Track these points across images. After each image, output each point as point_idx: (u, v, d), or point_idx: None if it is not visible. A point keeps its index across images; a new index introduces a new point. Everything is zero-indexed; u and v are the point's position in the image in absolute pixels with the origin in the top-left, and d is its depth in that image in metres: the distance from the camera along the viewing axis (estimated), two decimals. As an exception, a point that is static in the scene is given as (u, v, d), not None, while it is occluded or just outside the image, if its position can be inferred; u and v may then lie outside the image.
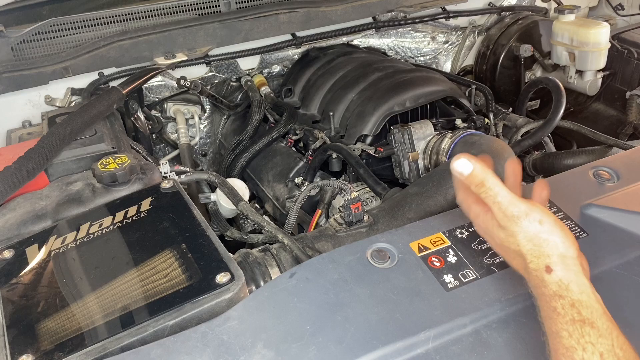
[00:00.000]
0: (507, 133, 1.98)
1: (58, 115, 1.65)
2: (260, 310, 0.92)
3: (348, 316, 0.91)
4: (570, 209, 1.13)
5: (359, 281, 0.97)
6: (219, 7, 2.09)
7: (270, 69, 2.30)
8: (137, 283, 0.98)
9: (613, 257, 1.03)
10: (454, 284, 0.97)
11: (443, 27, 2.49)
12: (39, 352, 0.89)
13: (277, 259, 1.17)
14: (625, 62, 2.38)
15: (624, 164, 1.24)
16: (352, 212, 1.23)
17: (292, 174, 1.85)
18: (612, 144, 1.78)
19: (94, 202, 1.26)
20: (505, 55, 2.42)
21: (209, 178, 1.51)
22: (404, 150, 1.69)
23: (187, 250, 1.04)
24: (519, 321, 0.92)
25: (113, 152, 1.42)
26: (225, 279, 0.96)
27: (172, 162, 2.06)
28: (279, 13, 2.12)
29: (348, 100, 1.91)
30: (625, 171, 1.22)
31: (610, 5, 2.80)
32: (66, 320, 0.94)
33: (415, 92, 1.83)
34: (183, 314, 0.92)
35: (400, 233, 1.07)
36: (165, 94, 2.11)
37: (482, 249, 1.04)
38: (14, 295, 1.01)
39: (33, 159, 1.29)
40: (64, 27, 1.89)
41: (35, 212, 1.24)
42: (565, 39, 2.27)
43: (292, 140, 1.98)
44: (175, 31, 1.99)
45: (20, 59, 1.85)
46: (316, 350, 0.86)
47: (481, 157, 0.94)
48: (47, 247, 1.12)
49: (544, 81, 1.98)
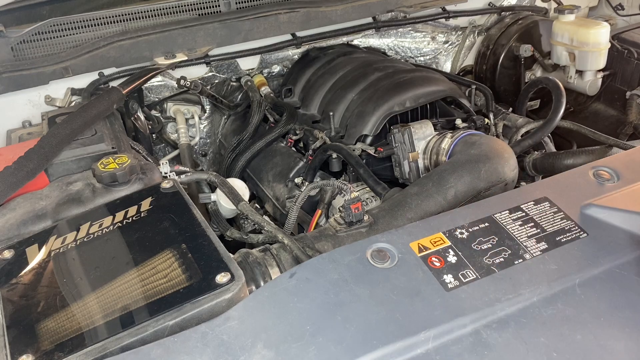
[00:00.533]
0: (507, 133, 1.98)
1: (58, 115, 1.65)
2: (260, 310, 0.92)
3: (348, 316, 0.91)
4: (570, 209, 1.13)
5: (359, 281, 0.97)
6: (219, 7, 2.10)
7: (270, 69, 2.30)
8: (137, 283, 0.98)
9: (613, 257, 1.03)
10: (454, 284, 0.97)
11: (443, 27, 2.49)
12: (39, 352, 0.89)
13: (277, 259, 1.17)
14: (625, 62, 2.38)
15: (624, 164, 1.24)
16: (352, 212, 1.23)
17: (292, 174, 1.85)
18: (612, 144, 1.78)
19: (94, 202, 1.26)
20: (505, 55, 2.42)
21: (209, 178, 1.51)
22: (404, 150, 1.69)
23: (187, 250, 1.04)
24: (519, 321, 0.92)
25: (113, 152, 1.42)
26: (225, 279, 0.96)
27: (172, 162, 2.06)
28: (279, 13, 2.12)
29: (348, 100, 1.91)
30: (625, 171, 1.22)
31: (610, 5, 2.80)
32: (66, 320, 0.94)
33: (415, 92, 1.83)
34: (183, 314, 0.92)
35: (400, 233, 1.07)
36: (165, 94, 2.11)
37: (482, 249, 1.04)
38: (14, 295, 1.01)
39: (33, 159, 1.29)
40: (64, 27, 1.89)
41: (35, 212, 1.24)
42: (565, 39, 2.27)
43: (292, 140, 1.98)
44: (175, 31, 1.99)
45: (20, 59, 1.85)
46: (316, 350, 0.86)
47: None
48: (47, 247, 1.12)
49: (544, 81, 1.98)
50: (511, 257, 1.02)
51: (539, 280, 0.97)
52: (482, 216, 1.11)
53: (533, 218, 1.10)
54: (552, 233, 1.07)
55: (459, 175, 1.42)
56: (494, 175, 1.43)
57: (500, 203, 1.15)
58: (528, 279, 0.98)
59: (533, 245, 1.05)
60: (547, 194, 1.16)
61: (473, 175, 1.42)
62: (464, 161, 1.46)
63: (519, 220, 1.10)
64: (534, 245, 1.05)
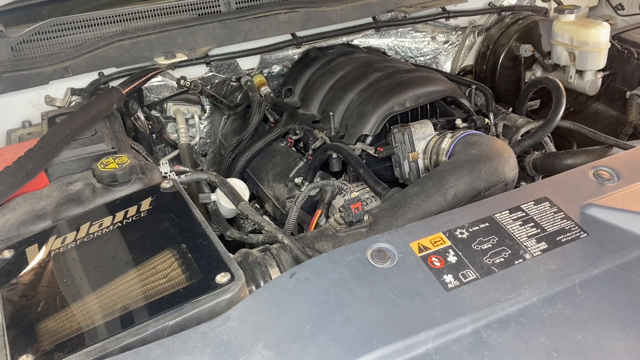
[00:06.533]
0: (507, 133, 1.98)
1: (58, 115, 1.65)
2: (260, 310, 0.92)
3: (348, 316, 0.91)
4: (570, 209, 1.13)
5: (359, 281, 0.97)
6: (219, 7, 2.10)
7: (270, 69, 2.30)
8: (137, 283, 0.98)
9: (613, 257, 1.03)
10: (454, 284, 0.97)
11: (443, 27, 2.49)
12: (39, 352, 0.89)
13: (277, 259, 1.17)
14: (625, 62, 2.38)
15: (624, 164, 1.25)
16: (352, 212, 1.23)
17: (292, 174, 1.85)
18: (612, 144, 1.78)
19: (94, 202, 1.26)
20: (505, 55, 2.42)
21: (209, 178, 1.51)
22: (404, 150, 1.69)
23: (187, 250, 1.04)
24: (519, 321, 0.92)
25: (113, 152, 1.42)
26: (225, 279, 0.96)
27: (172, 162, 2.06)
28: (279, 13, 2.12)
29: (348, 100, 1.91)
30: (625, 171, 1.22)
31: (610, 5, 2.80)
32: (66, 320, 0.94)
33: (415, 92, 1.83)
34: (183, 314, 0.92)
35: (400, 233, 1.07)
36: (165, 94, 2.11)
37: (482, 249, 1.04)
38: (14, 295, 1.01)
39: (33, 159, 1.29)
40: (64, 27, 1.89)
41: (35, 212, 1.24)
42: (565, 39, 2.27)
43: (292, 140, 1.98)
44: (175, 31, 1.99)
45: (20, 59, 1.85)
46: (316, 350, 0.86)
47: None
48: (47, 247, 1.12)
49: (544, 81, 1.98)
50: (511, 257, 1.02)
51: (539, 280, 0.97)
52: (482, 216, 1.11)
53: (533, 218, 1.10)
54: (552, 233, 1.07)
55: (459, 175, 1.42)
56: (494, 175, 1.44)
57: (500, 203, 1.15)
58: (528, 279, 0.98)
59: (533, 245, 1.05)
60: (547, 194, 1.16)
61: (473, 175, 1.42)
62: (464, 161, 1.46)
63: (519, 220, 1.10)
64: (534, 245, 1.05)
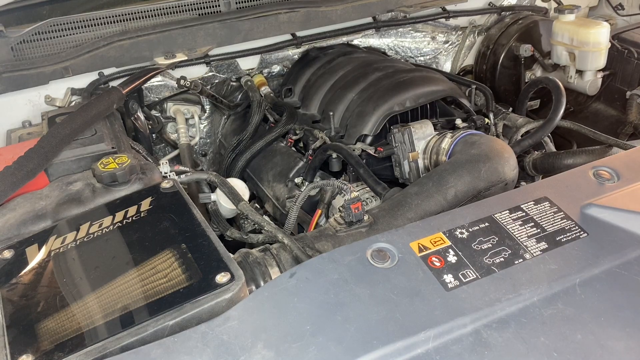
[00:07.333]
0: (507, 133, 1.98)
1: (58, 115, 1.65)
2: (260, 310, 0.92)
3: (348, 316, 0.91)
4: (570, 209, 1.13)
5: (359, 281, 0.97)
6: (219, 7, 2.10)
7: (270, 69, 2.30)
8: (137, 283, 0.98)
9: (613, 257, 1.03)
10: (454, 284, 0.97)
11: (443, 27, 2.49)
12: (39, 352, 0.89)
13: (277, 259, 1.17)
14: (625, 62, 2.38)
15: (624, 164, 1.24)
16: (352, 212, 1.23)
17: (292, 173, 1.85)
18: (612, 144, 1.78)
19: (94, 202, 1.26)
20: (505, 55, 2.42)
21: (209, 178, 1.51)
22: (404, 150, 1.69)
23: (187, 250, 1.04)
24: (519, 321, 0.92)
25: (113, 152, 1.42)
26: (225, 279, 0.96)
27: (172, 162, 2.06)
28: (279, 13, 2.12)
29: (348, 100, 1.91)
30: (625, 171, 1.22)
31: (610, 5, 2.80)
32: (66, 320, 0.93)
33: (415, 92, 1.83)
34: (183, 314, 0.92)
35: (400, 233, 1.07)
36: (165, 94, 2.11)
37: (482, 249, 1.04)
38: (14, 295, 1.01)
39: (33, 159, 1.29)
40: (64, 27, 1.89)
41: (35, 212, 1.24)
42: (565, 38, 2.27)
43: (292, 140, 1.98)
44: (175, 31, 1.99)
45: (20, 59, 1.85)
46: (316, 350, 0.86)
47: None
48: (47, 247, 1.12)
49: (544, 81, 1.98)
50: (511, 257, 1.02)
51: (539, 280, 0.97)
52: (482, 216, 1.11)
53: (533, 218, 1.10)
54: (552, 233, 1.07)
55: (459, 175, 1.42)
56: (494, 175, 1.44)
57: (500, 203, 1.15)
58: (528, 279, 0.98)
59: (533, 245, 1.05)
60: (547, 193, 1.16)
61: (473, 175, 1.42)
62: (464, 161, 1.46)
63: (519, 220, 1.10)
64: (534, 245, 1.05)
